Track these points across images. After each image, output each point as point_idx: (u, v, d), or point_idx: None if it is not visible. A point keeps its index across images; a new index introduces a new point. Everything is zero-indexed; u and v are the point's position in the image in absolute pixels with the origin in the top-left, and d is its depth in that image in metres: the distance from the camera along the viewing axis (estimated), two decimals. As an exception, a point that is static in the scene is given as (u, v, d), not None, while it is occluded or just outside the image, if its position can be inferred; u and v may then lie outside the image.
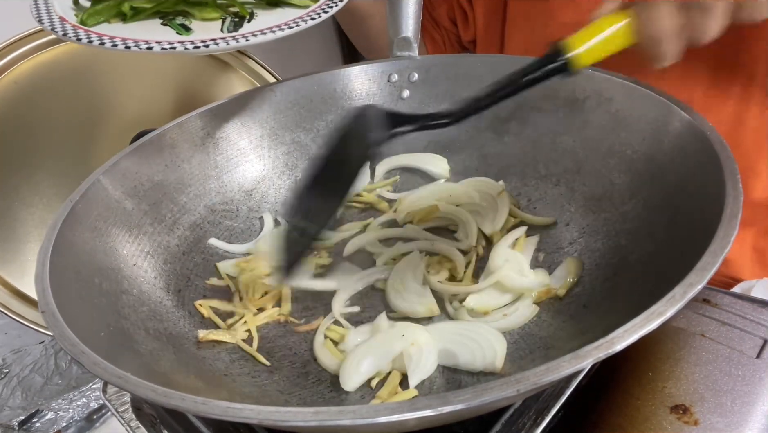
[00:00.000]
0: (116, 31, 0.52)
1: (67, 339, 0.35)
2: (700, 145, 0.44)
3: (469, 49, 0.89)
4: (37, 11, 0.52)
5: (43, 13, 0.52)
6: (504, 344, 0.46)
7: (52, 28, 0.50)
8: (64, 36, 0.49)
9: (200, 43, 0.50)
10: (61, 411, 0.67)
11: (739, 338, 0.50)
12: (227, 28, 0.55)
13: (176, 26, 0.54)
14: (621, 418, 0.46)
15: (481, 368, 0.45)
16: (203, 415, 0.30)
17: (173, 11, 0.56)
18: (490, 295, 0.52)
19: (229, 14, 0.57)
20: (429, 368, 0.46)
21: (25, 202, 0.72)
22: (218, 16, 0.56)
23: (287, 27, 0.54)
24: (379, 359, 0.46)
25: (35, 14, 0.52)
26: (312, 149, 0.68)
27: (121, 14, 0.54)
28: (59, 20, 0.51)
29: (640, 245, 0.49)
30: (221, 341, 0.51)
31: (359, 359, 0.46)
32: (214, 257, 0.60)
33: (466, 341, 0.46)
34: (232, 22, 0.56)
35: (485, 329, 0.47)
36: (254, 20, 0.57)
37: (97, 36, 0.50)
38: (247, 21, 0.56)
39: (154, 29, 0.54)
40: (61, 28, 0.50)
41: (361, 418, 0.28)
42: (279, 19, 0.56)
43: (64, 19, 0.51)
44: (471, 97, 0.43)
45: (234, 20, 0.56)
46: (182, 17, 0.56)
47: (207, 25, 0.56)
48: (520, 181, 0.63)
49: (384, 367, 0.46)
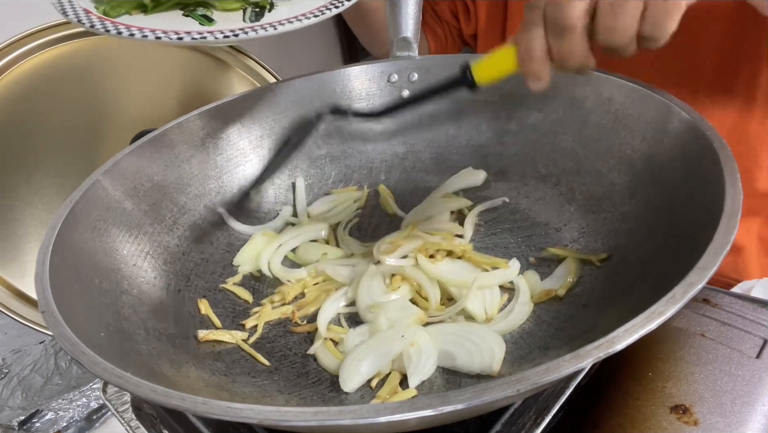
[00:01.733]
0: (139, 22, 0.51)
1: (67, 339, 0.35)
2: (700, 145, 0.44)
3: (470, 43, 0.89)
4: (60, 4, 0.52)
5: (66, 6, 0.51)
6: (503, 347, 0.46)
7: (78, 20, 0.49)
8: (91, 28, 0.49)
9: (230, 33, 0.50)
10: (61, 411, 0.67)
11: (739, 338, 0.50)
12: (249, 18, 0.55)
13: (198, 17, 0.54)
14: (621, 418, 0.46)
15: (479, 371, 0.45)
16: (203, 415, 0.30)
17: (194, 2, 0.56)
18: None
19: (249, 4, 0.57)
20: (429, 368, 0.46)
21: (25, 202, 0.72)
22: (239, 6, 0.56)
23: (313, 15, 0.54)
24: (378, 359, 0.46)
25: (58, 7, 0.51)
26: (312, 149, 0.68)
27: (141, 6, 0.53)
28: (84, 12, 0.50)
29: (640, 245, 0.49)
30: (221, 341, 0.51)
31: (359, 359, 0.46)
32: (213, 257, 0.60)
33: (465, 343, 0.46)
34: (253, 12, 0.56)
35: (485, 331, 0.47)
36: (274, 10, 0.57)
37: (125, 27, 0.49)
38: (267, 11, 0.56)
39: (176, 20, 0.53)
40: (87, 20, 0.49)
41: (361, 418, 0.28)
42: (298, 8, 0.56)
43: (89, 11, 0.51)
44: (399, 99, 0.54)
45: (255, 10, 0.56)
46: (203, 8, 0.56)
47: (228, 16, 0.55)
48: (520, 181, 0.63)
49: (384, 367, 0.46)
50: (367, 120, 0.63)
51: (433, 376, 0.46)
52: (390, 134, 0.69)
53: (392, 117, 0.58)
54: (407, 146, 0.69)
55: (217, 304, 0.55)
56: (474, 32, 0.86)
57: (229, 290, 0.57)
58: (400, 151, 0.70)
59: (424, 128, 0.69)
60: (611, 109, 0.55)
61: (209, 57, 0.87)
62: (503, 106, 0.65)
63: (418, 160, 0.69)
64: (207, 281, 0.57)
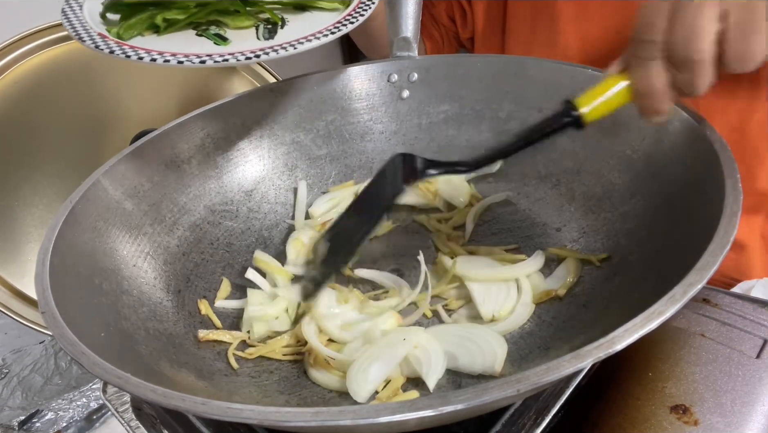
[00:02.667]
0: (154, 43, 0.52)
1: (67, 339, 0.35)
2: (700, 145, 0.44)
3: (467, 47, 0.89)
4: (73, 28, 0.51)
5: (81, 32, 0.51)
6: (505, 347, 0.46)
7: (96, 47, 0.49)
8: (110, 54, 0.49)
9: (251, 54, 0.50)
10: (61, 411, 0.67)
11: (739, 338, 0.50)
12: (262, 35, 0.55)
13: (212, 36, 0.54)
14: (621, 418, 0.46)
15: (480, 371, 0.45)
16: (203, 415, 0.30)
17: (206, 21, 0.56)
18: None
19: (260, 21, 0.57)
20: (441, 366, 0.45)
21: (25, 202, 0.72)
22: (251, 24, 0.56)
23: (330, 33, 0.55)
24: (386, 364, 0.45)
25: (72, 32, 0.51)
26: (312, 149, 0.68)
27: (154, 27, 0.53)
28: (101, 38, 0.50)
29: (640, 245, 0.49)
30: (221, 341, 0.51)
31: (365, 367, 0.45)
32: (214, 257, 0.60)
33: (466, 344, 0.46)
34: (265, 29, 0.56)
35: (487, 332, 0.47)
36: (287, 26, 0.57)
37: (146, 52, 0.49)
38: (280, 27, 0.56)
39: (190, 41, 0.53)
40: (105, 46, 0.49)
41: (361, 418, 0.28)
42: (312, 24, 0.57)
43: (105, 36, 0.51)
44: (493, 148, 0.48)
45: (267, 27, 0.56)
46: (215, 26, 0.56)
47: (241, 33, 0.55)
48: (520, 181, 0.63)
49: (393, 373, 0.46)
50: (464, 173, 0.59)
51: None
52: (390, 134, 0.69)
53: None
54: (407, 146, 0.69)
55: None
56: (471, 35, 0.86)
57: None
58: (399, 151, 0.69)
59: (424, 128, 0.69)
60: (611, 109, 0.55)
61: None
62: (503, 106, 0.65)
63: (418, 161, 0.69)
64: (207, 281, 0.57)
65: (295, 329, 0.52)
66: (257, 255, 0.58)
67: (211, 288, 0.57)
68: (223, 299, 0.56)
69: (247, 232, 0.64)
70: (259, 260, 0.58)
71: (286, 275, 0.57)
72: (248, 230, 0.64)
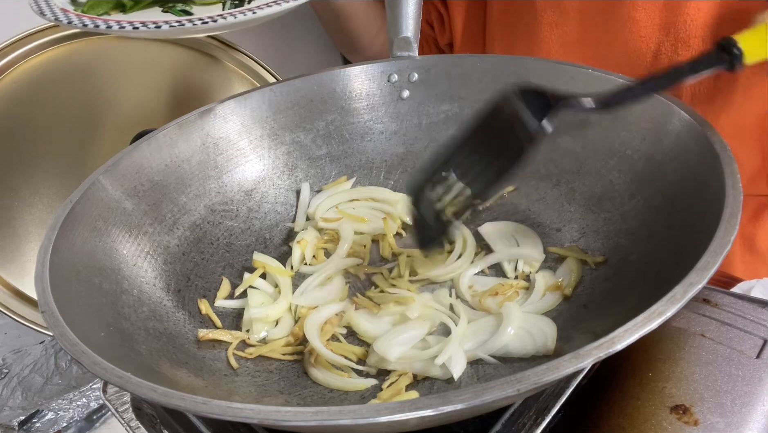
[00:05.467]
0: (119, 19, 0.52)
1: (67, 339, 0.35)
2: (700, 145, 0.44)
3: (445, 51, 0.89)
4: (38, 6, 0.52)
5: (44, 7, 0.51)
6: (554, 326, 0.47)
7: (56, 19, 0.49)
8: (69, 24, 0.48)
9: (208, 19, 0.50)
10: (61, 411, 0.67)
11: (739, 338, 0.50)
12: (228, 9, 0.55)
13: (177, 12, 0.53)
14: (621, 418, 0.46)
15: (534, 353, 0.46)
16: (203, 415, 0.30)
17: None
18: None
19: None
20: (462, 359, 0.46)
21: (25, 202, 0.72)
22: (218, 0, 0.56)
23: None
24: (417, 332, 0.48)
25: (35, 8, 0.51)
26: (312, 149, 0.69)
27: (120, 5, 0.53)
28: (62, 12, 0.50)
29: (640, 244, 0.49)
30: (221, 341, 0.51)
31: (396, 333, 0.47)
32: (214, 257, 0.60)
33: (518, 331, 0.47)
34: (232, 4, 0.55)
35: (531, 315, 0.48)
36: (254, 1, 0.56)
37: (102, 21, 0.49)
38: (247, 2, 0.56)
39: (156, 17, 0.53)
40: (65, 17, 0.49)
41: (361, 418, 0.28)
42: None
43: (66, 10, 0.51)
44: (631, 86, 0.44)
45: (234, 2, 0.56)
46: (182, 3, 0.55)
47: (208, 9, 0.55)
48: (520, 181, 0.63)
49: (418, 341, 0.47)
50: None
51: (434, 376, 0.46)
52: (390, 134, 0.69)
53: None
54: (407, 146, 0.69)
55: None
56: (449, 41, 0.86)
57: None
58: (400, 151, 0.70)
59: (424, 128, 0.69)
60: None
61: (209, 57, 0.87)
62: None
63: (418, 160, 0.69)
64: (207, 280, 0.57)
65: (295, 329, 0.52)
66: (256, 257, 0.58)
67: (211, 288, 0.57)
68: (223, 298, 0.56)
69: (247, 232, 0.64)
70: (257, 262, 0.58)
71: (287, 274, 0.58)
72: (248, 229, 0.64)
